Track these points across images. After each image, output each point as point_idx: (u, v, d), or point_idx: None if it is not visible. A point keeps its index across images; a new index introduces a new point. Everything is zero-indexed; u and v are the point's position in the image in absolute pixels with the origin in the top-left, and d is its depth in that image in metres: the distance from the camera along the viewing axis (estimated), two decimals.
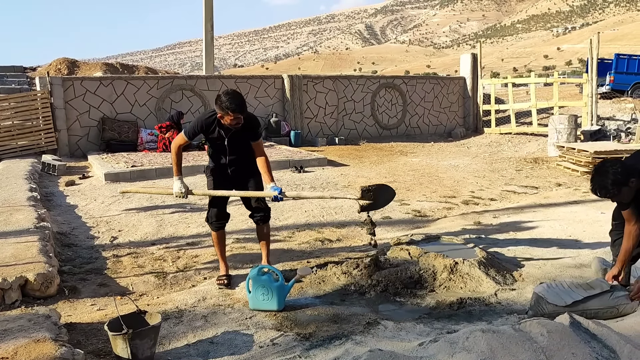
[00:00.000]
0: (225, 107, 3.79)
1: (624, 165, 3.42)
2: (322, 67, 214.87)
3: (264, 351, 3.04)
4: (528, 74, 17.17)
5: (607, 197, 3.48)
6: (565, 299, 3.33)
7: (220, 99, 3.81)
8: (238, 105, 3.79)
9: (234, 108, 3.78)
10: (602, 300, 3.33)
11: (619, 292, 3.38)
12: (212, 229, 4.32)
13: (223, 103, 3.79)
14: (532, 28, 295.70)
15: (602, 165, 3.46)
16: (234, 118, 3.83)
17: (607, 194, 3.42)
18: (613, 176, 3.33)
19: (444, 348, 2.68)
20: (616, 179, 3.32)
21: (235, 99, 3.79)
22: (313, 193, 4.15)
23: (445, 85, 17.11)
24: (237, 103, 3.79)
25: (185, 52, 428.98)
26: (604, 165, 3.44)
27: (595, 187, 3.45)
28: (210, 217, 4.27)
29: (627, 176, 3.33)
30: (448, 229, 5.87)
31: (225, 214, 4.31)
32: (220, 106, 3.83)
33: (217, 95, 3.87)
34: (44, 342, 2.76)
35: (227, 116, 3.83)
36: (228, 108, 3.78)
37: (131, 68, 21.05)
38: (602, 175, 3.39)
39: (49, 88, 11.82)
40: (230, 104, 3.77)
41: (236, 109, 3.79)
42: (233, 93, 3.83)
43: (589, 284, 3.47)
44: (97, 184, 8.78)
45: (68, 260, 4.91)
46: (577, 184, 8.79)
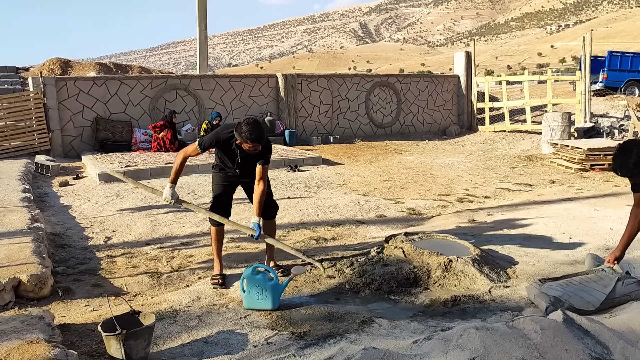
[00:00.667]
0: (245, 137, 3.83)
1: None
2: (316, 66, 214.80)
3: (259, 350, 3.04)
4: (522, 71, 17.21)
5: (627, 176, 3.49)
6: (590, 300, 3.37)
7: (241, 129, 3.84)
8: (257, 137, 3.84)
9: (254, 139, 3.83)
10: (617, 290, 3.38)
11: (629, 280, 3.43)
12: (212, 224, 4.32)
13: (243, 133, 3.83)
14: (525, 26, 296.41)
15: (626, 144, 3.47)
16: (252, 146, 3.89)
17: (627, 172, 3.43)
18: (636, 156, 3.33)
19: (438, 346, 2.69)
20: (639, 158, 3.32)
21: (256, 130, 3.83)
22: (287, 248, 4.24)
23: (439, 84, 17.14)
24: (256, 134, 3.83)
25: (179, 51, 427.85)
26: (628, 144, 3.45)
27: (617, 165, 3.45)
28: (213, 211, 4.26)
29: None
30: (442, 227, 5.88)
31: (228, 211, 4.32)
32: (240, 135, 3.86)
33: (238, 123, 3.90)
34: (37, 344, 2.75)
35: (245, 144, 3.89)
36: (248, 139, 3.83)
37: (125, 68, 21.00)
38: (625, 154, 3.39)
39: (42, 88, 11.77)
40: (251, 134, 3.81)
41: (255, 140, 3.84)
42: (254, 124, 3.85)
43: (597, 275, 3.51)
44: (91, 184, 8.75)
45: (62, 261, 4.89)
46: (571, 181, 8.83)
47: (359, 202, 7.20)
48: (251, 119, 3.93)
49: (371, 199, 7.45)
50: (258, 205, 4.06)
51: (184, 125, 13.00)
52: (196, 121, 13.33)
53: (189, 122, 13.28)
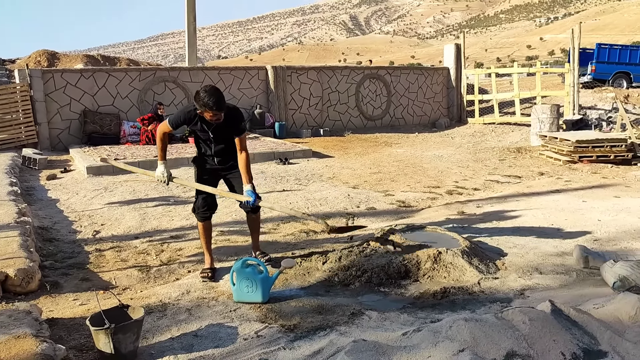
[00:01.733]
0: (203, 104, 3.76)
1: None
2: (306, 58, 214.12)
3: (249, 343, 3.04)
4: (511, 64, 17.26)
5: None
6: None
7: (198, 96, 3.77)
8: (216, 103, 3.74)
9: (212, 106, 3.74)
10: None
11: None
12: (198, 219, 4.29)
13: (201, 100, 3.75)
14: (515, 18, 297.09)
15: None
16: (213, 115, 3.80)
17: None
18: None
19: (428, 337, 2.70)
20: None
21: (214, 96, 3.73)
22: (285, 209, 4.24)
23: (429, 76, 17.15)
24: (214, 101, 3.73)
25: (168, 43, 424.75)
26: None
27: None
28: (197, 207, 4.24)
29: None
30: (432, 219, 5.90)
31: (213, 204, 4.28)
32: (199, 103, 3.78)
33: (196, 91, 3.83)
34: (25, 338, 2.73)
35: (207, 113, 3.81)
36: (206, 105, 3.75)
37: (113, 60, 20.81)
38: None
39: (29, 80, 11.63)
40: (208, 101, 3.72)
41: (214, 107, 3.75)
42: (211, 90, 3.77)
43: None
44: (79, 177, 8.68)
45: (50, 255, 4.85)
46: (560, 172, 8.88)
47: (349, 195, 7.20)
48: (209, 86, 3.84)
49: (361, 192, 7.46)
50: (246, 173, 4.02)
51: None
52: (183, 107, 13.22)
53: None
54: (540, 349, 2.58)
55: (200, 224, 4.29)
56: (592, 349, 2.65)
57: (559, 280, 3.95)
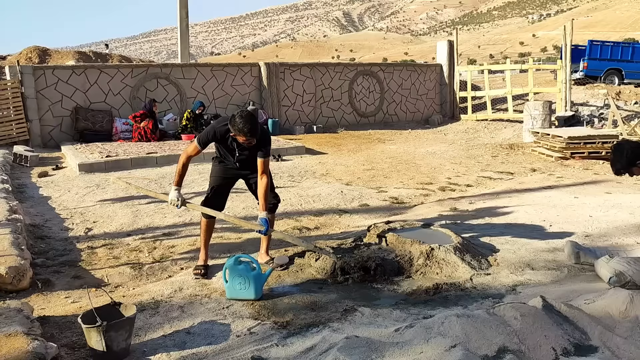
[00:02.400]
0: (238, 130, 3.78)
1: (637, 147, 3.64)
2: (299, 54, 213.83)
3: (241, 340, 3.04)
4: (504, 60, 17.32)
5: (618, 174, 3.78)
6: None
7: (234, 121, 3.79)
8: (251, 130, 3.78)
9: (247, 132, 3.78)
10: None
11: None
12: (203, 216, 4.29)
13: (236, 126, 3.78)
14: (507, 15, 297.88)
15: (618, 146, 3.74)
16: (246, 140, 3.83)
17: (616, 172, 3.74)
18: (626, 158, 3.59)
19: (420, 333, 2.71)
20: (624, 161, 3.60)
21: (249, 123, 3.77)
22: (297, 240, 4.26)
23: (422, 73, 17.16)
24: (249, 128, 3.77)
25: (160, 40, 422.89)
26: (619, 146, 3.71)
27: (611, 165, 3.76)
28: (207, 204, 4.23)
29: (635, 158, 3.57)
30: (425, 216, 5.91)
31: (221, 206, 4.29)
32: (234, 128, 3.81)
33: (232, 115, 3.84)
34: (16, 337, 2.71)
35: (240, 137, 3.84)
36: (241, 131, 3.78)
37: (105, 56, 20.70)
38: (615, 154, 3.69)
39: (20, 77, 11.55)
40: (244, 127, 3.76)
41: (249, 134, 3.79)
42: (247, 116, 3.79)
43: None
44: (71, 174, 8.63)
45: (41, 252, 4.82)
46: (552, 169, 8.92)
47: (342, 192, 7.20)
48: (245, 111, 3.88)
49: (354, 188, 7.46)
50: (264, 200, 4.00)
51: (166, 114, 12.86)
52: (178, 110, 13.19)
53: (171, 111, 13.15)
54: (531, 344, 2.60)
55: (204, 220, 4.30)
56: (583, 344, 2.67)
57: (550, 276, 3.97)
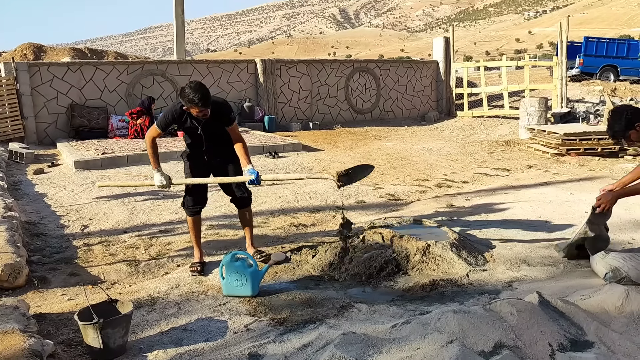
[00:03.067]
0: (188, 100, 3.74)
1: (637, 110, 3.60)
2: (296, 51, 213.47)
3: (238, 337, 3.04)
4: (500, 57, 17.34)
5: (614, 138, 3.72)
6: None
7: (184, 92, 3.75)
8: (201, 99, 3.72)
9: (197, 102, 3.72)
10: None
11: None
12: (187, 214, 4.27)
13: (186, 96, 3.73)
14: (504, 11, 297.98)
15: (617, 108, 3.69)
16: (199, 111, 3.79)
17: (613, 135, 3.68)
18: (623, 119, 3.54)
19: (417, 329, 2.71)
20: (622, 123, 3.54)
21: (199, 92, 3.70)
22: (289, 175, 4.21)
23: (418, 69, 17.16)
24: (200, 97, 3.70)
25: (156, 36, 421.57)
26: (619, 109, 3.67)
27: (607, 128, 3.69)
28: (186, 201, 4.23)
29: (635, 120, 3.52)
30: (421, 212, 5.92)
31: (202, 199, 4.27)
32: (184, 100, 3.77)
33: (181, 88, 3.80)
34: (12, 334, 2.71)
35: (193, 109, 3.79)
36: (191, 102, 3.73)
37: (100, 53, 20.63)
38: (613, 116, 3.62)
39: (15, 74, 11.50)
40: (194, 97, 3.70)
41: (199, 102, 3.72)
42: (196, 86, 3.74)
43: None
44: (67, 172, 8.60)
45: (37, 250, 4.81)
46: (548, 165, 8.94)
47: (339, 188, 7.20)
48: (194, 82, 3.81)
49: (351, 185, 7.44)
50: (244, 156, 4.04)
51: (161, 111, 12.82)
52: (170, 106, 13.14)
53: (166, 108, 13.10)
54: (527, 340, 2.60)
55: (189, 219, 4.27)
56: (579, 340, 2.68)
57: (546, 272, 3.98)
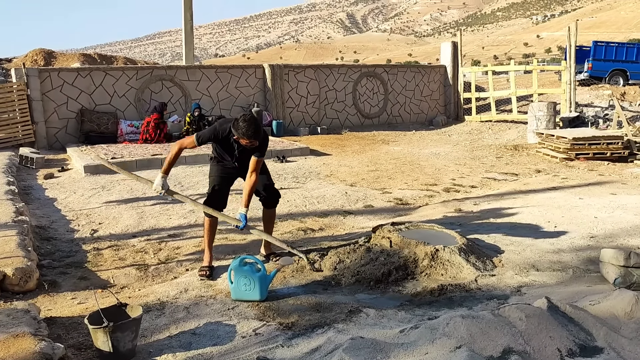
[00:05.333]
0: (242, 133, 3.87)
1: None
2: (303, 56, 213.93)
3: (247, 341, 3.05)
4: (508, 61, 17.32)
5: None
6: None
7: (237, 125, 3.88)
8: (254, 133, 3.88)
9: (250, 135, 3.87)
10: None
11: None
12: (206, 215, 4.33)
13: (240, 129, 3.87)
14: (512, 16, 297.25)
15: None
16: (249, 142, 3.92)
17: None
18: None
19: (425, 334, 2.71)
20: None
21: (252, 127, 3.86)
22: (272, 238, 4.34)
23: (426, 74, 17.15)
24: (253, 131, 3.86)
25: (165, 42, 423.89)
26: None
27: None
28: (208, 204, 4.28)
29: None
30: (429, 217, 5.91)
31: (223, 203, 4.35)
32: (237, 131, 3.89)
33: (235, 119, 3.94)
34: (23, 337, 2.73)
35: (243, 140, 3.92)
36: (245, 135, 3.87)
37: (109, 59, 20.78)
38: None
39: (25, 80, 11.60)
40: (247, 130, 3.85)
41: (252, 136, 3.88)
42: (250, 120, 3.88)
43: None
44: (77, 176, 8.67)
45: (47, 254, 4.85)
46: (556, 170, 8.91)
47: (347, 193, 7.21)
48: (248, 115, 3.96)
49: (359, 190, 7.47)
50: (247, 197, 4.11)
51: (170, 116, 12.89)
52: (182, 112, 13.22)
53: (175, 113, 13.17)
54: (536, 345, 2.60)
55: (207, 220, 4.34)
56: (588, 345, 2.67)
57: (555, 277, 3.97)
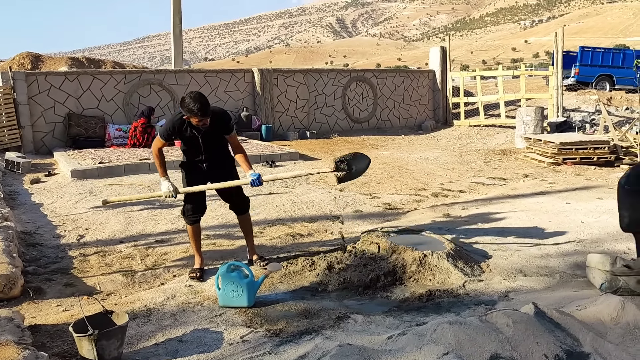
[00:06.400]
0: (188, 110, 3.82)
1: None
2: (293, 60, 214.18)
3: (234, 348, 3.03)
4: (496, 66, 17.45)
5: None
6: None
7: (184, 102, 3.83)
8: (200, 109, 3.80)
9: (196, 111, 3.80)
10: None
11: None
12: (187, 222, 4.31)
13: (186, 106, 3.82)
14: (500, 21, 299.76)
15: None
16: (199, 120, 3.86)
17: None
18: None
19: (412, 341, 2.71)
20: None
21: (198, 102, 3.79)
22: (289, 173, 4.24)
23: (415, 79, 17.22)
24: (199, 106, 3.79)
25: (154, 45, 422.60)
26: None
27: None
28: (186, 210, 4.27)
29: None
30: (418, 222, 5.92)
31: (202, 207, 4.31)
32: (184, 109, 3.85)
33: (182, 98, 3.88)
34: (6, 346, 2.69)
35: (193, 118, 3.87)
36: (191, 111, 3.81)
37: (98, 62, 20.67)
38: None
39: (12, 83, 11.49)
40: (193, 107, 3.79)
41: (199, 112, 3.81)
42: (196, 96, 3.82)
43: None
44: (64, 181, 8.59)
45: (33, 260, 4.79)
46: (544, 174, 8.97)
47: (336, 198, 7.21)
48: (193, 92, 3.90)
49: (347, 194, 7.47)
50: (246, 162, 4.13)
51: (159, 120, 12.83)
52: (171, 117, 13.16)
53: (164, 117, 13.11)
54: (523, 351, 2.60)
55: (189, 227, 4.31)
56: (575, 351, 2.67)
57: (542, 282, 3.98)
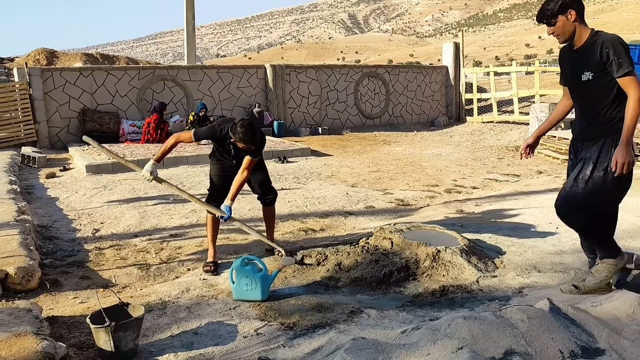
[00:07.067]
0: (239, 138, 3.99)
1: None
2: (305, 56, 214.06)
3: (248, 341, 3.05)
4: (510, 62, 17.32)
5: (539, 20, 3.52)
6: None
7: (235, 130, 3.98)
8: (251, 139, 4.00)
9: (247, 141, 3.99)
10: None
11: None
12: (208, 212, 4.39)
13: (237, 134, 3.97)
14: (513, 17, 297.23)
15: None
16: (245, 146, 4.05)
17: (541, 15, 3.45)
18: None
19: (426, 335, 2.71)
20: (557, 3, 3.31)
21: (249, 132, 3.97)
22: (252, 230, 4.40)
23: (427, 75, 17.15)
24: (250, 136, 3.98)
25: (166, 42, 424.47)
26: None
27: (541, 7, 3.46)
28: (209, 200, 4.41)
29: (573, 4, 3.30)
30: (431, 218, 5.91)
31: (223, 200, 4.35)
32: (234, 135, 4.00)
33: (233, 123, 4.04)
34: (25, 336, 2.74)
35: (239, 143, 4.05)
36: (242, 140, 3.99)
37: (111, 58, 20.79)
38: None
39: (28, 79, 11.62)
40: (244, 136, 3.97)
41: (248, 141, 4.00)
42: (247, 126, 3.98)
43: None
44: (79, 175, 8.68)
45: (49, 253, 4.86)
46: (558, 171, 8.90)
47: (348, 193, 7.21)
48: (246, 120, 4.07)
49: (360, 190, 7.47)
50: (234, 191, 4.19)
51: (172, 116, 12.91)
52: (184, 112, 13.24)
53: (177, 113, 13.19)
54: (538, 346, 2.59)
55: (209, 216, 4.41)
56: (590, 347, 2.66)
57: (557, 278, 3.96)
